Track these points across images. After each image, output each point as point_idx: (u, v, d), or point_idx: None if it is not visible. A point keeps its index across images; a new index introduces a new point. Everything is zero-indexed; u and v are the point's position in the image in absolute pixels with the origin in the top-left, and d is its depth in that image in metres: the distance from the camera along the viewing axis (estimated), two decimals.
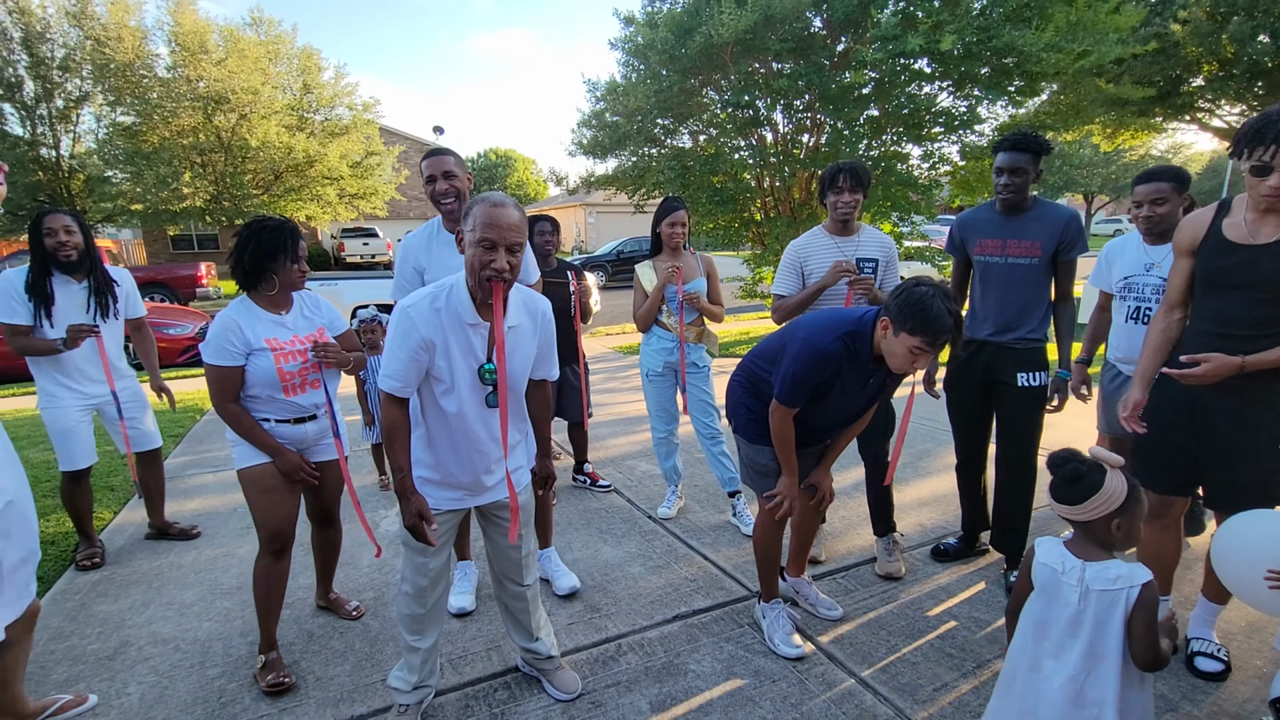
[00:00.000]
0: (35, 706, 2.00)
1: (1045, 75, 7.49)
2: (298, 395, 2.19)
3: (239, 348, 2.07)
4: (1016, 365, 2.58)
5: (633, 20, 8.52)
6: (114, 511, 3.75)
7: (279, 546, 2.19)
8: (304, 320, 2.26)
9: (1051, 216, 2.54)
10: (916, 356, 1.84)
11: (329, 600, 2.67)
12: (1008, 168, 2.50)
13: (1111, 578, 1.40)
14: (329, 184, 19.87)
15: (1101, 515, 1.42)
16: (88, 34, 16.41)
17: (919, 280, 1.88)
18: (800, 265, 2.84)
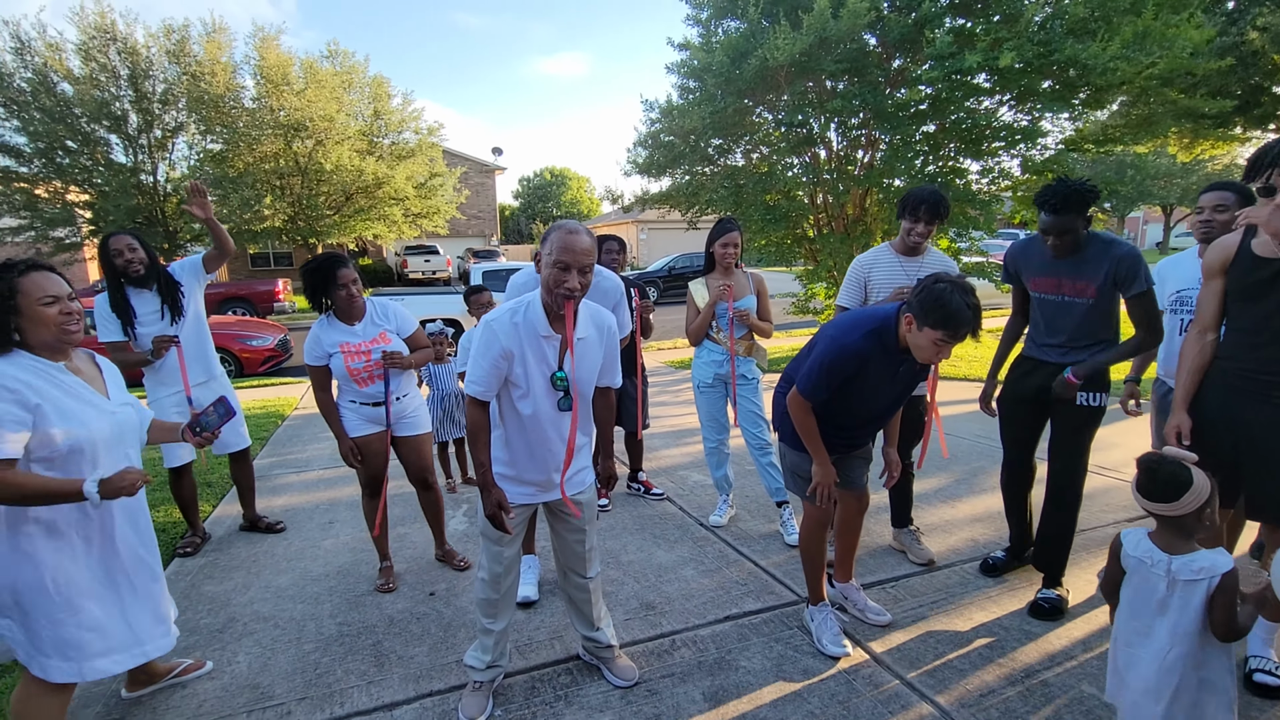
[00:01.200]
0: (164, 667, 2.30)
1: (1111, 88, 7.32)
2: (367, 386, 2.84)
3: (320, 352, 2.79)
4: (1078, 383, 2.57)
5: (688, 46, 8.76)
6: (213, 505, 4.13)
7: (372, 490, 2.98)
8: (372, 327, 2.87)
9: (1103, 256, 2.42)
10: (941, 348, 1.98)
11: (444, 552, 3.25)
12: (1053, 230, 2.41)
13: (1196, 569, 1.56)
14: (395, 204, 20.92)
15: (1193, 509, 1.56)
16: (185, 70, 17.88)
17: (938, 277, 2.01)
18: (864, 280, 2.97)
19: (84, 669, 1.78)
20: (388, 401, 2.89)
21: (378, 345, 2.83)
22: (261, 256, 27.36)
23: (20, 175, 17.37)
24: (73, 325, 1.82)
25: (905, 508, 3.12)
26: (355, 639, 2.58)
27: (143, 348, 3.22)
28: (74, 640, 1.76)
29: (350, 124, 19.85)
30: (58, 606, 1.74)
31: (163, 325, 3.24)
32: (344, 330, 2.81)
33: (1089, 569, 2.98)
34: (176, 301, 3.26)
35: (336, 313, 2.82)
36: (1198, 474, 1.58)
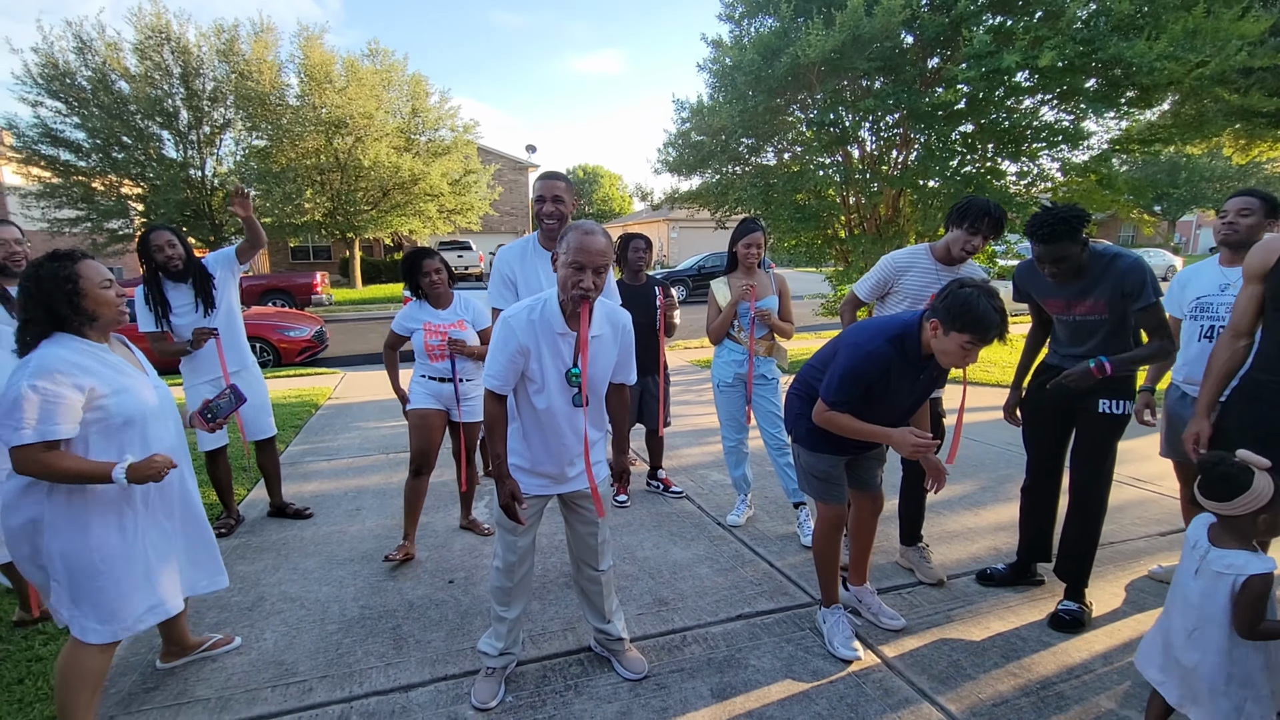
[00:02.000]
0: (195, 641, 2.41)
1: (1159, 87, 7.07)
2: (437, 363, 3.22)
3: (407, 324, 3.26)
4: (1100, 391, 2.50)
5: (720, 44, 8.74)
6: (247, 489, 4.29)
7: (418, 467, 3.19)
8: (453, 315, 3.29)
9: (1108, 273, 2.37)
10: (968, 352, 1.97)
11: (469, 522, 3.61)
12: (1048, 259, 2.35)
13: (1225, 564, 1.64)
14: (430, 200, 21.32)
15: (1248, 511, 1.61)
16: (233, 68, 18.50)
17: (963, 281, 2.01)
18: (892, 279, 2.84)
19: (118, 630, 1.88)
20: (455, 381, 3.25)
21: (454, 329, 3.23)
22: (301, 250, 28.14)
23: (79, 169, 18.19)
24: (124, 307, 1.97)
25: (915, 525, 3.03)
26: (376, 622, 2.67)
27: (180, 338, 3.35)
28: (113, 606, 1.86)
29: (389, 121, 20.30)
30: (101, 574, 1.84)
31: (196, 317, 3.35)
32: (431, 312, 3.26)
33: (1115, 582, 2.91)
34: (209, 294, 3.38)
35: (428, 298, 3.27)
36: (1261, 479, 1.59)
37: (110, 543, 1.86)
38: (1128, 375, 2.52)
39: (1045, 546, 2.85)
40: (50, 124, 17.60)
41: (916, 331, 2.12)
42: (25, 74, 16.99)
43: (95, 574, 1.84)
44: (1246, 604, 1.59)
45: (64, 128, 17.83)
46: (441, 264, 3.25)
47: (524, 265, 2.70)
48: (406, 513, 3.22)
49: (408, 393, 3.30)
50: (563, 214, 2.65)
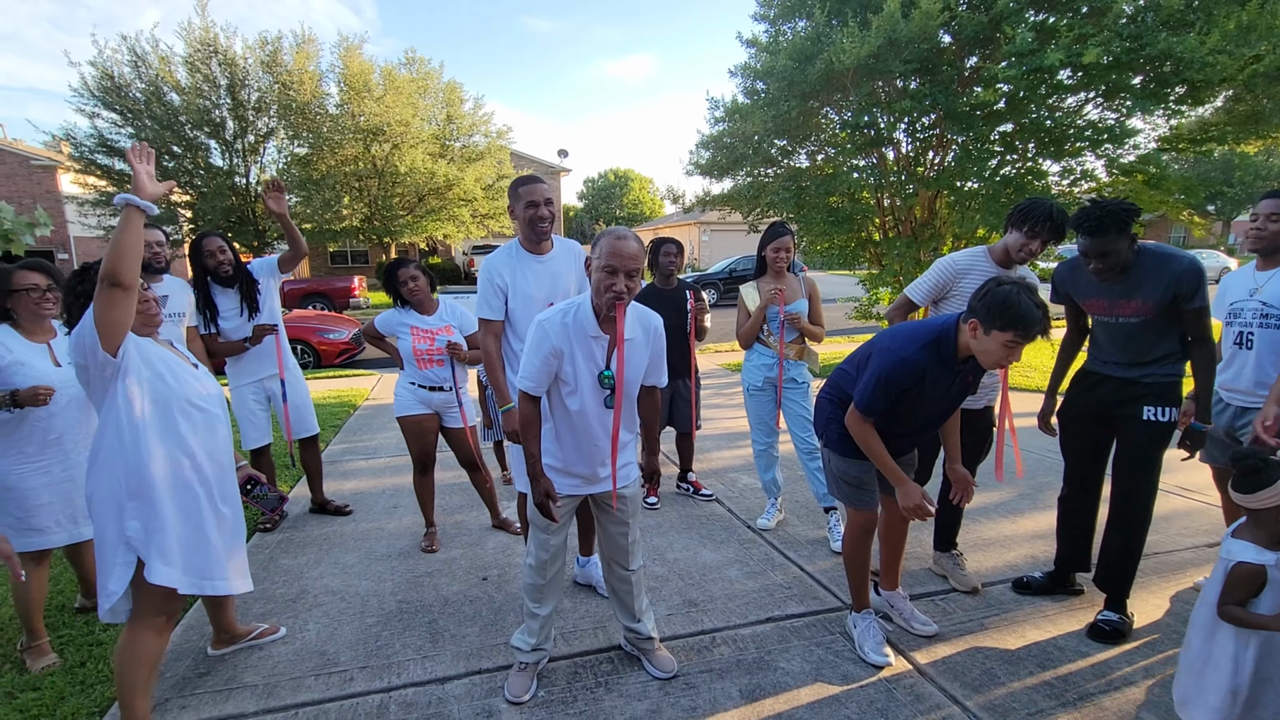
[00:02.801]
0: (243, 629, 2.52)
1: (1211, 83, 6.81)
2: (428, 369, 3.30)
3: (390, 325, 3.36)
4: (1144, 398, 2.44)
5: (755, 42, 8.69)
6: (290, 486, 4.44)
7: (423, 466, 3.41)
8: (440, 320, 3.37)
9: (1160, 273, 2.30)
10: (1011, 350, 1.94)
11: (500, 522, 3.67)
12: (1094, 252, 2.29)
13: (1227, 550, 1.76)
14: (464, 205, 21.70)
15: (1269, 507, 1.68)
16: (276, 79, 19.12)
17: (1000, 279, 1.99)
18: (948, 285, 2.75)
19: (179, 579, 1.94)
20: (456, 387, 3.37)
21: (443, 334, 3.31)
22: (340, 255, 28.90)
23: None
24: (153, 310, 2.08)
25: (951, 531, 2.98)
26: (413, 616, 2.75)
27: (227, 339, 3.49)
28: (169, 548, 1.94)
29: (424, 128, 20.75)
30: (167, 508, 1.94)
31: (241, 321, 3.50)
32: (418, 318, 3.35)
33: (1160, 593, 2.83)
34: (254, 299, 3.52)
35: (411, 306, 3.36)
36: None
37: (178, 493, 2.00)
38: (1174, 380, 2.46)
39: (1084, 557, 2.78)
40: (106, 134, 18.45)
41: (953, 335, 2.09)
42: (83, 86, 17.84)
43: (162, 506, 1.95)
44: (1228, 585, 1.73)
45: (119, 138, 18.66)
46: (419, 271, 3.35)
47: (512, 271, 2.62)
48: (424, 504, 3.48)
49: (394, 398, 3.38)
50: (554, 215, 2.65)
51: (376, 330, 3.44)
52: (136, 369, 1.92)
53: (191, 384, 2.05)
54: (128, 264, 1.78)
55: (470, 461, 3.50)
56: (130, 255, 1.78)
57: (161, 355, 2.04)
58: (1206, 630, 1.80)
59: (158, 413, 1.95)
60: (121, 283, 1.77)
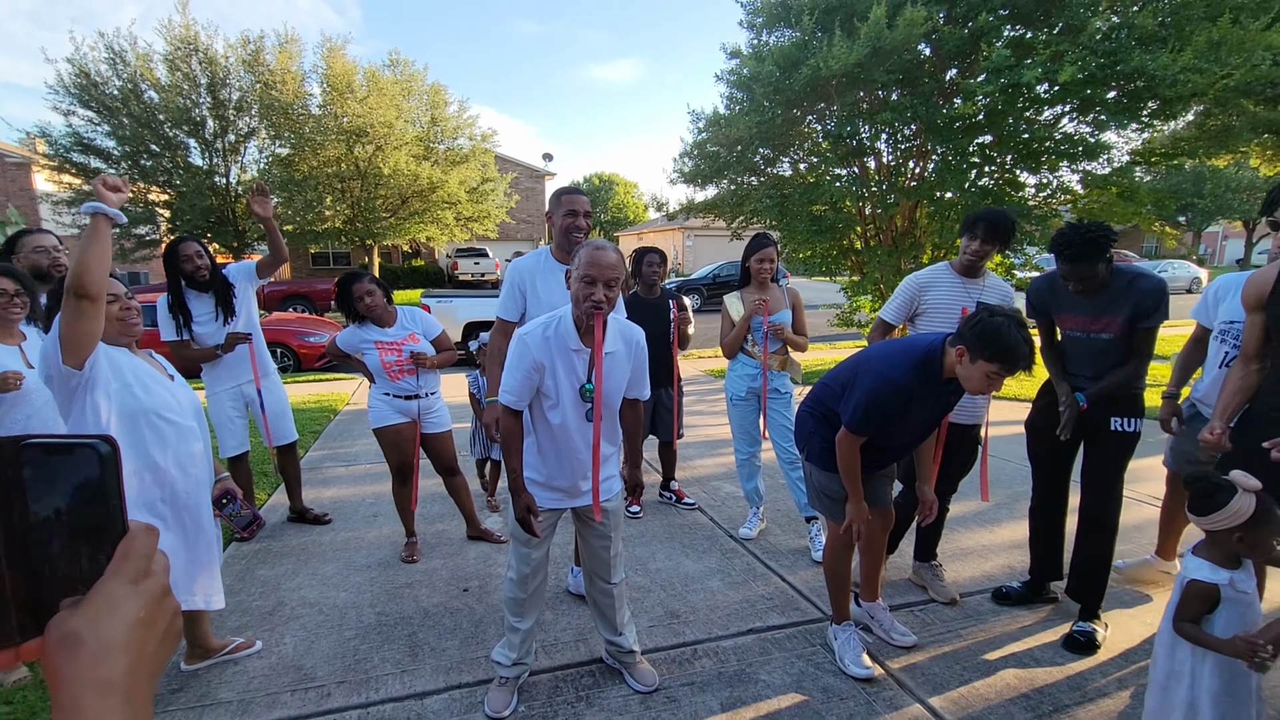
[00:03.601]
0: (218, 643, 2.47)
1: (1183, 99, 6.99)
2: (399, 380, 3.25)
3: (354, 343, 3.25)
4: (1111, 410, 2.53)
5: (739, 54, 8.77)
6: (268, 494, 4.38)
7: (402, 476, 3.34)
8: (402, 330, 3.31)
9: (1132, 290, 2.40)
10: (993, 381, 1.97)
11: (479, 532, 3.62)
12: (1073, 278, 2.39)
13: (1186, 566, 1.79)
14: (448, 208, 21.55)
15: (1224, 528, 1.69)
16: (258, 78, 18.88)
17: (993, 310, 2.01)
18: (917, 299, 2.86)
19: None
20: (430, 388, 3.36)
21: (407, 344, 3.27)
22: (321, 256, 28.57)
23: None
24: (132, 319, 2.03)
25: (932, 542, 3.03)
26: (392, 629, 2.72)
27: (201, 345, 3.43)
28: None
29: (408, 130, 20.58)
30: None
31: (217, 325, 3.44)
32: (378, 331, 3.26)
33: (1133, 605, 2.89)
34: (229, 304, 3.47)
35: (371, 320, 3.26)
36: (1241, 500, 1.64)
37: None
38: (1138, 394, 2.55)
39: (1057, 565, 2.85)
40: (82, 132, 18.08)
41: (939, 356, 2.11)
42: (58, 83, 17.49)
43: None
44: (1181, 600, 1.77)
45: (95, 136, 18.30)
46: (374, 285, 3.24)
47: (538, 278, 2.69)
48: (404, 515, 3.44)
49: (369, 409, 3.30)
50: (589, 228, 2.71)
51: (340, 350, 3.34)
52: (105, 381, 1.88)
53: (162, 396, 2.01)
54: (95, 274, 1.73)
55: (449, 467, 3.49)
56: (98, 265, 1.74)
57: (134, 366, 2.00)
58: (1169, 647, 1.82)
59: (124, 426, 1.91)
60: (88, 294, 1.73)
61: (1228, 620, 1.71)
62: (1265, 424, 2.05)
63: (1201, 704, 1.73)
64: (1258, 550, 1.69)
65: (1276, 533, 1.66)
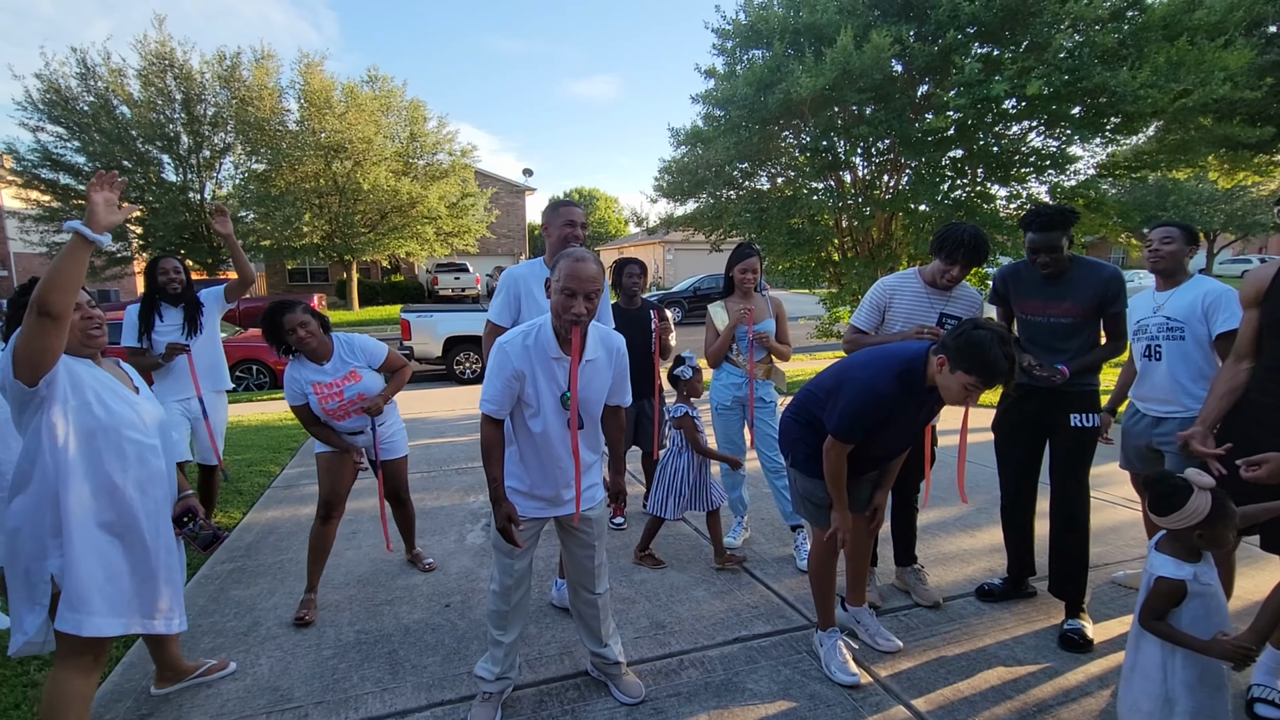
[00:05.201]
0: (189, 666, 2.40)
1: (1143, 115, 7.25)
2: (344, 422, 2.93)
3: (297, 390, 2.86)
4: (1070, 407, 2.63)
5: (714, 73, 8.92)
6: (243, 511, 4.28)
7: (326, 513, 2.93)
8: (342, 365, 2.91)
9: (1091, 277, 2.58)
10: (970, 393, 1.99)
11: (413, 555, 3.47)
12: (1043, 247, 2.55)
13: (1151, 563, 1.83)
14: (428, 223, 21.50)
15: (1184, 526, 1.73)
16: (235, 94, 18.75)
17: (978, 323, 2.03)
18: (885, 304, 2.90)
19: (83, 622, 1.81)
20: (375, 440, 3.06)
21: (349, 384, 2.88)
22: (299, 272, 28.26)
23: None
24: (94, 329, 1.96)
25: (908, 545, 3.07)
26: (372, 647, 2.66)
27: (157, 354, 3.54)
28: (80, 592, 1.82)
29: (387, 146, 20.55)
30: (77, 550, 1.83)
31: (179, 339, 3.57)
32: (314, 370, 2.86)
33: (1112, 604, 2.93)
34: (195, 320, 3.60)
35: (304, 354, 2.87)
36: (1198, 499, 1.69)
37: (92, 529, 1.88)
38: (1093, 390, 2.67)
39: (1030, 561, 2.94)
40: (51, 148, 17.77)
41: (922, 365, 2.13)
42: (26, 99, 17.20)
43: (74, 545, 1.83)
44: (1149, 598, 1.80)
45: (65, 152, 18.01)
46: (308, 315, 2.81)
47: (534, 284, 2.71)
48: (312, 562, 2.93)
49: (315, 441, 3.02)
50: (585, 240, 2.70)
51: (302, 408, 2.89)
52: (63, 398, 1.81)
53: (124, 413, 1.94)
54: (62, 294, 1.68)
55: (398, 495, 3.27)
56: (67, 286, 1.68)
57: (97, 380, 1.92)
58: (1134, 641, 1.86)
59: (82, 446, 1.84)
60: (51, 312, 1.67)
61: (1194, 614, 1.74)
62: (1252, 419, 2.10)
63: (1177, 695, 1.76)
64: (1216, 544, 1.74)
65: (1233, 525, 1.71)
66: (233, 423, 7.00)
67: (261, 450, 5.77)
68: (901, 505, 3.05)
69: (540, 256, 2.82)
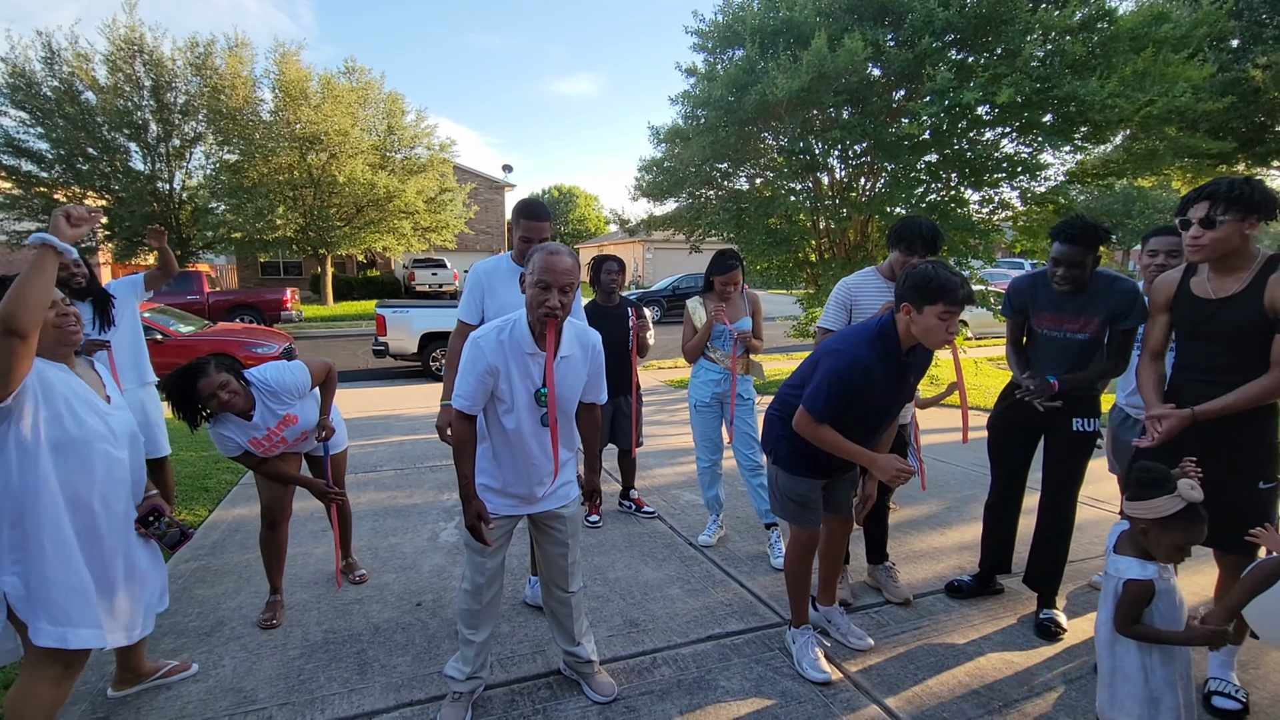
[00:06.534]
0: (150, 667, 2.33)
1: (1111, 124, 7.42)
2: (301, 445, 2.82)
3: (233, 445, 2.59)
4: (1072, 411, 2.61)
5: (694, 72, 8.93)
6: (209, 509, 4.18)
7: (272, 520, 2.81)
8: (270, 414, 2.62)
9: (1110, 291, 2.51)
10: (947, 321, 2.04)
11: (347, 564, 3.25)
12: (1064, 260, 2.48)
13: (1114, 568, 1.84)
14: (405, 218, 21.19)
15: (1136, 516, 1.76)
16: (207, 82, 18.29)
17: (914, 265, 2.13)
18: (850, 303, 2.94)
19: (68, 635, 1.77)
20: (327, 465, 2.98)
21: (288, 428, 2.66)
22: (271, 265, 27.68)
23: (40, 180, 17.73)
24: (71, 326, 1.90)
25: (880, 543, 3.10)
26: (340, 646, 2.61)
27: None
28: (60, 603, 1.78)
29: (364, 138, 20.20)
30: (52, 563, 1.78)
31: (92, 333, 3.36)
32: (244, 426, 2.57)
33: (1076, 600, 2.99)
34: (107, 313, 3.40)
35: (232, 413, 2.55)
36: (1168, 500, 1.69)
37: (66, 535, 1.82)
38: (1096, 395, 2.67)
39: (1007, 559, 2.98)
40: (12, 133, 17.18)
41: (892, 327, 2.16)
42: None
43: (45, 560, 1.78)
44: (1122, 604, 1.79)
45: (27, 138, 17.41)
46: (222, 372, 2.47)
47: (496, 281, 2.68)
48: (269, 567, 2.85)
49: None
50: None
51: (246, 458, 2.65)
52: (33, 410, 1.74)
53: (95, 426, 1.88)
54: (29, 312, 1.60)
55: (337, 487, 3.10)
56: (34, 302, 1.61)
57: (69, 389, 1.85)
58: (1107, 645, 1.86)
59: (52, 458, 1.78)
60: (20, 332, 1.60)
61: (1165, 610, 1.77)
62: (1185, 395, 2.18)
63: (1161, 693, 1.76)
64: (1156, 548, 1.76)
65: (1180, 540, 1.71)
66: None
67: None
68: (876, 508, 3.07)
69: (509, 252, 2.78)
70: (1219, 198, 1.99)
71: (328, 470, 3.00)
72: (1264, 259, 2.05)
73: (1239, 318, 2.04)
